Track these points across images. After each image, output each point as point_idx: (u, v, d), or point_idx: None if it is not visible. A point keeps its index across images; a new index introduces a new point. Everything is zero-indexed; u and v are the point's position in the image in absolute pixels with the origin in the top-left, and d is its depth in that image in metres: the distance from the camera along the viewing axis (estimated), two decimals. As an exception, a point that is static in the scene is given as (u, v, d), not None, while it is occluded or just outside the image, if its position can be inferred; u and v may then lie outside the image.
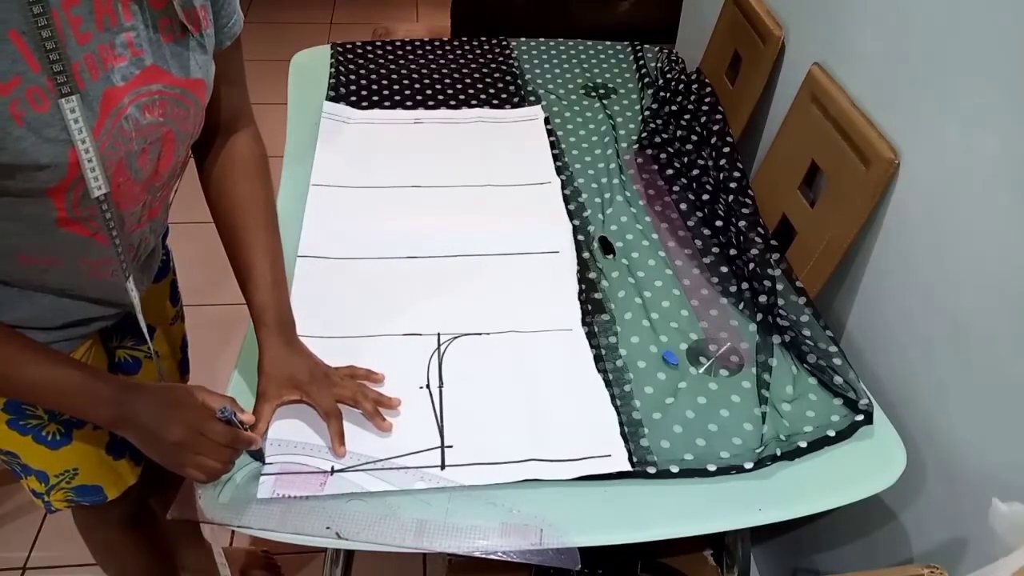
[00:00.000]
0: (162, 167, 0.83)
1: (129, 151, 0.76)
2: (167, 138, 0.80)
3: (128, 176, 0.78)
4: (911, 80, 1.06)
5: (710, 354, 1.08)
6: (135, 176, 0.79)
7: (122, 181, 0.77)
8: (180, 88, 0.79)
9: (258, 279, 0.94)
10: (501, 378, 1.02)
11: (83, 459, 0.98)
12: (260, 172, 0.98)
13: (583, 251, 1.24)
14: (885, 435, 0.99)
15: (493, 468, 0.90)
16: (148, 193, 0.83)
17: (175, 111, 0.80)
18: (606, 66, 1.77)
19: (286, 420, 0.93)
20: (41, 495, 1.01)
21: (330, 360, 0.99)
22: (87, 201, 0.74)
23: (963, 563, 0.96)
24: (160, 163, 0.82)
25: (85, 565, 1.50)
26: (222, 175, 0.96)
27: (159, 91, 0.77)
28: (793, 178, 1.31)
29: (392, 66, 1.71)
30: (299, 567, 1.58)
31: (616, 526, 0.88)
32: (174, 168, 0.85)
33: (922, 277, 1.04)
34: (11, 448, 0.95)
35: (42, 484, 0.99)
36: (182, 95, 0.80)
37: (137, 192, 0.81)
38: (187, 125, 0.83)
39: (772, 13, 1.48)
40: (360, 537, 0.83)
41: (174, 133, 0.81)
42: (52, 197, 0.73)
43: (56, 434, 0.94)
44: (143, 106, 0.75)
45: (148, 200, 0.85)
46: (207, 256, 1.20)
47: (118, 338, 1.08)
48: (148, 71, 0.75)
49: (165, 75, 0.77)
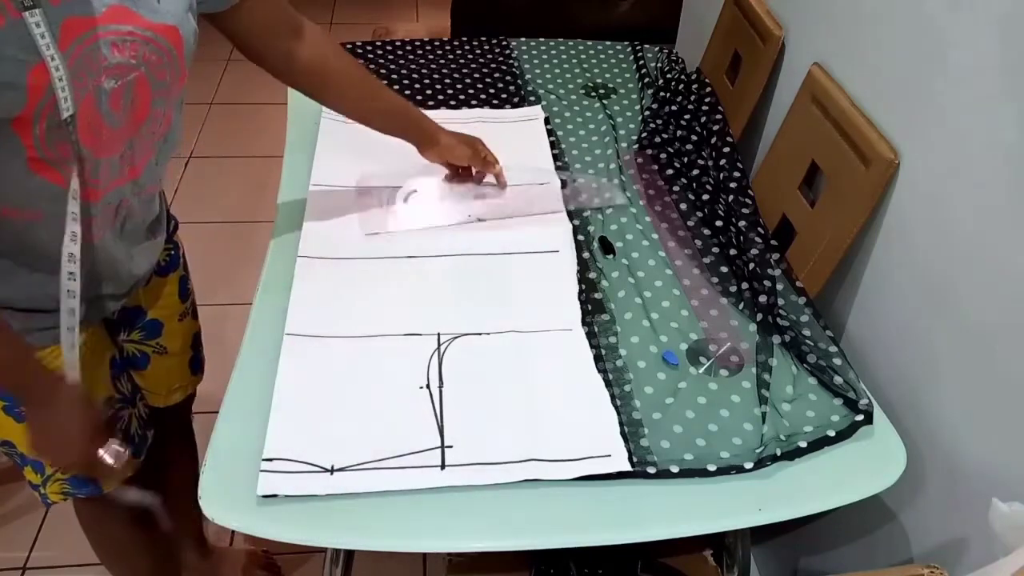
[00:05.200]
0: (137, 116, 0.82)
1: (98, 86, 0.75)
2: (140, 83, 0.79)
3: (98, 115, 0.77)
4: (911, 80, 1.06)
5: (710, 354, 1.08)
6: (107, 119, 0.78)
7: (92, 120, 0.76)
8: (152, 32, 0.78)
9: (407, 107, 1.23)
10: (501, 378, 1.02)
11: None
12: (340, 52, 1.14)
13: (583, 251, 1.24)
14: (885, 435, 0.99)
15: (493, 468, 0.90)
16: (125, 144, 0.83)
17: (147, 55, 0.79)
18: (606, 66, 1.77)
19: (286, 419, 0.93)
20: (38, 487, 1.02)
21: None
22: (56, 135, 0.73)
23: (963, 563, 0.96)
24: (135, 111, 0.81)
25: (85, 565, 1.50)
26: (313, 59, 1.08)
27: (129, 32, 0.76)
28: (793, 178, 1.31)
29: (392, 66, 1.71)
30: (299, 567, 1.58)
31: (616, 526, 0.88)
32: (151, 122, 0.84)
33: (922, 277, 1.04)
34: (7, 436, 0.96)
35: (38, 474, 1.01)
36: (154, 39, 0.79)
37: (111, 138, 0.80)
38: (162, 73, 0.82)
39: (772, 13, 1.48)
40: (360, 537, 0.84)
41: (147, 79, 0.80)
42: (17, 131, 0.72)
43: None
44: (111, 43, 0.75)
45: (126, 153, 0.84)
46: (207, 256, 1.21)
47: (127, 331, 1.09)
48: (115, 9, 0.75)
49: (134, 16, 0.77)
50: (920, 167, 1.05)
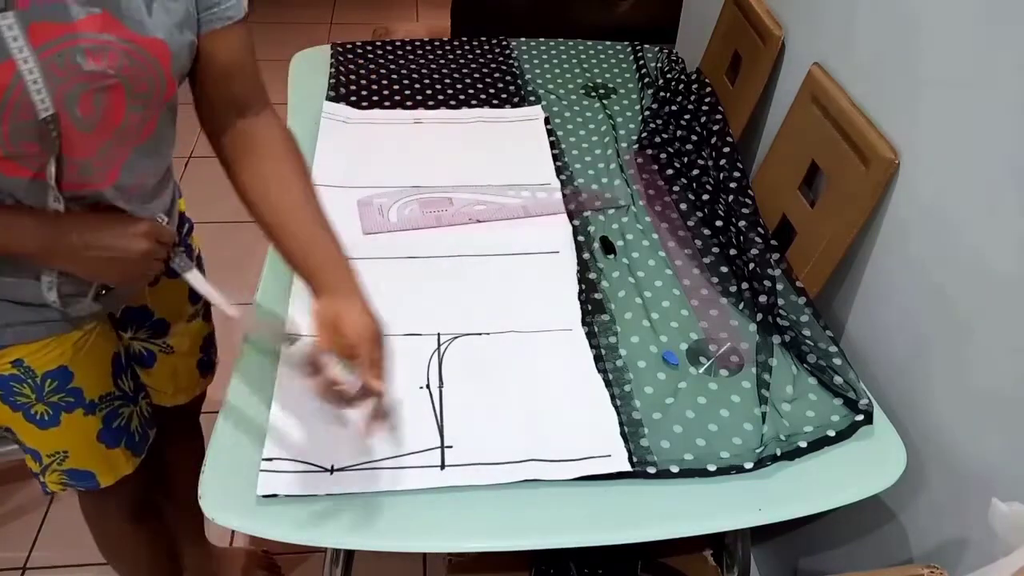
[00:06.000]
0: (111, 120, 0.80)
1: (65, 92, 0.74)
2: (114, 91, 0.78)
3: (67, 119, 0.76)
4: (911, 80, 1.06)
5: (710, 354, 1.08)
6: (76, 123, 0.77)
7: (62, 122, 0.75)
8: (134, 44, 0.77)
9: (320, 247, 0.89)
10: (501, 378, 1.02)
11: (72, 442, 1.00)
12: (289, 152, 0.95)
13: (583, 251, 1.24)
14: (885, 435, 0.99)
15: (493, 468, 0.90)
16: (98, 149, 0.81)
17: (127, 66, 0.77)
18: (606, 66, 1.77)
19: (286, 419, 0.93)
20: (37, 475, 1.03)
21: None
22: (21, 133, 0.73)
23: (963, 563, 0.96)
24: (107, 116, 0.79)
25: (85, 565, 1.50)
26: (246, 160, 0.93)
27: (107, 41, 0.75)
28: (793, 178, 1.31)
29: (392, 66, 1.71)
30: (299, 567, 1.58)
31: (616, 526, 0.88)
32: (126, 128, 0.83)
33: (922, 277, 1.04)
34: (7, 423, 0.97)
35: (37, 463, 1.02)
36: (135, 51, 0.78)
37: (81, 142, 0.79)
38: (142, 85, 0.80)
39: (772, 13, 1.48)
40: (360, 537, 0.83)
41: (123, 88, 0.79)
42: None
43: (44, 415, 0.96)
44: (87, 51, 0.74)
45: (100, 156, 0.82)
46: (207, 256, 1.20)
47: (133, 329, 1.09)
48: (96, 17, 0.74)
49: (118, 26, 0.75)
50: (920, 167, 1.05)
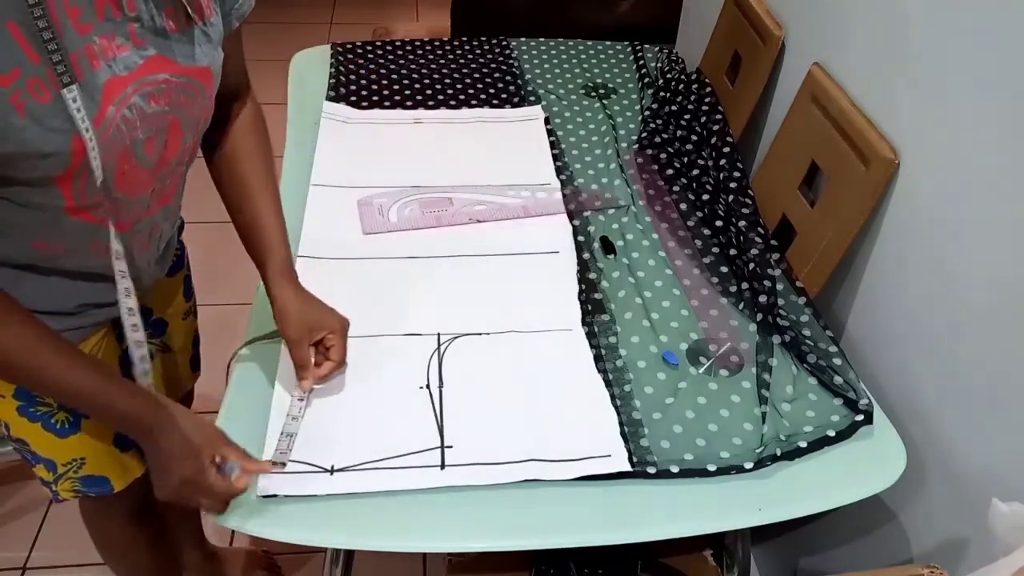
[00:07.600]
0: (169, 154, 0.84)
1: (134, 139, 0.77)
2: (173, 126, 0.81)
3: (134, 163, 0.79)
4: (911, 80, 1.06)
5: (710, 354, 1.08)
6: (141, 163, 0.80)
7: (127, 168, 0.78)
8: (186, 77, 0.80)
9: (266, 227, 0.97)
10: (501, 378, 1.02)
11: (91, 449, 0.99)
12: (257, 128, 1.01)
13: (583, 251, 1.24)
14: (885, 435, 0.99)
15: (493, 468, 0.90)
16: (156, 180, 0.85)
17: (181, 99, 0.81)
18: (606, 66, 1.77)
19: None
20: (49, 484, 1.02)
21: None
22: (93, 189, 0.76)
23: (963, 563, 0.96)
24: (166, 150, 0.83)
25: (85, 565, 1.50)
26: (222, 136, 0.98)
27: (164, 80, 0.78)
28: (793, 178, 1.31)
29: (392, 66, 1.71)
30: (299, 567, 1.58)
31: (616, 526, 0.88)
32: (181, 155, 0.86)
33: (922, 277, 1.04)
34: (22, 435, 0.96)
35: (50, 472, 1.00)
36: (188, 83, 0.80)
37: (144, 179, 0.82)
38: (193, 112, 0.84)
39: (772, 13, 1.48)
40: (360, 537, 0.83)
41: (180, 121, 0.82)
42: (59, 185, 0.74)
43: (65, 423, 0.95)
44: (148, 95, 0.76)
45: (156, 187, 0.86)
46: (207, 256, 1.20)
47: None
48: (152, 60, 0.76)
49: (170, 64, 0.78)
50: (920, 167, 1.05)
